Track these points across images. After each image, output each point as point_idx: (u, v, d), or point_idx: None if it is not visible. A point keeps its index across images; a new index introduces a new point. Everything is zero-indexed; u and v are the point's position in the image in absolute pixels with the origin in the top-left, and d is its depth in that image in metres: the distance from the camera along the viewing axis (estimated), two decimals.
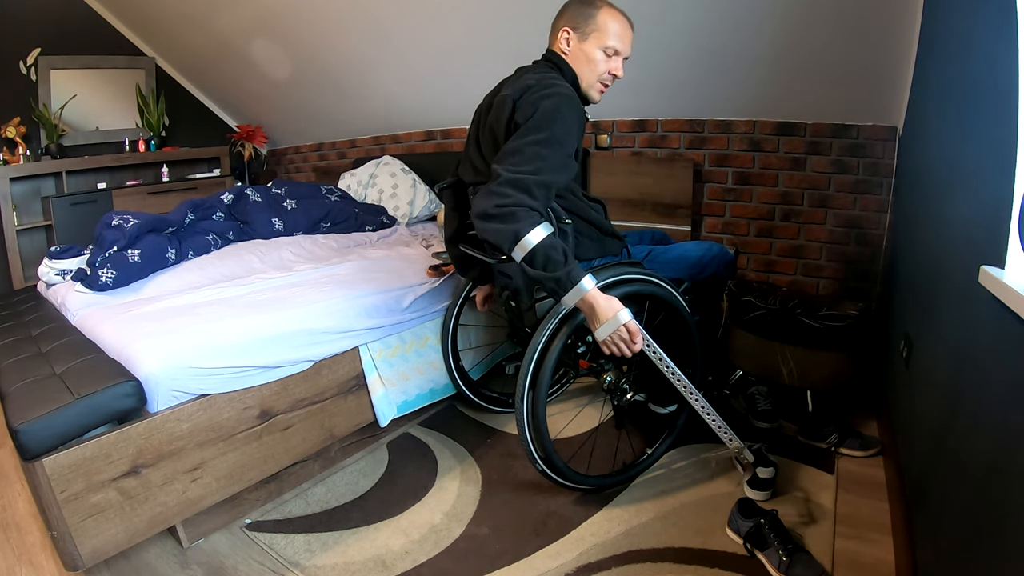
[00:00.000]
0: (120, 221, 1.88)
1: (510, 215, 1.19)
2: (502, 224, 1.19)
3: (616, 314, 1.26)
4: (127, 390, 1.27)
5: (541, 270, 1.20)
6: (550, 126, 1.25)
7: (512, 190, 1.20)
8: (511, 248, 1.20)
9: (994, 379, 0.88)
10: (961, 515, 0.94)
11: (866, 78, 1.98)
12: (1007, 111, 0.90)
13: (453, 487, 1.65)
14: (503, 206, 1.19)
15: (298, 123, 3.93)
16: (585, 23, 1.41)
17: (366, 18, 2.71)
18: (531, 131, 1.25)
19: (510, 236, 1.19)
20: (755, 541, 1.31)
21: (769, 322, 1.90)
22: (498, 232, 1.19)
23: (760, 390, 1.92)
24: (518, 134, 1.27)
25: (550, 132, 1.25)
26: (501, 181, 1.21)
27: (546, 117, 1.25)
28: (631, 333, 1.29)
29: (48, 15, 3.43)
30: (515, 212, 1.19)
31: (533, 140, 1.24)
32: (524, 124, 1.26)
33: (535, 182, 1.21)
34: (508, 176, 1.21)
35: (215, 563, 1.40)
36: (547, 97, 1.28)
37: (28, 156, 3.31)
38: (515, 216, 1.19)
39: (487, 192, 1.21)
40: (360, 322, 1.72)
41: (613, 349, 1.31)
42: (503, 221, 1.19)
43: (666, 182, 2.49)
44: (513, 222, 1.19)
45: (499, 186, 1.20)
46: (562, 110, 1.27)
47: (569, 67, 1.43)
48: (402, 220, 2.81)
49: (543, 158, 1.23)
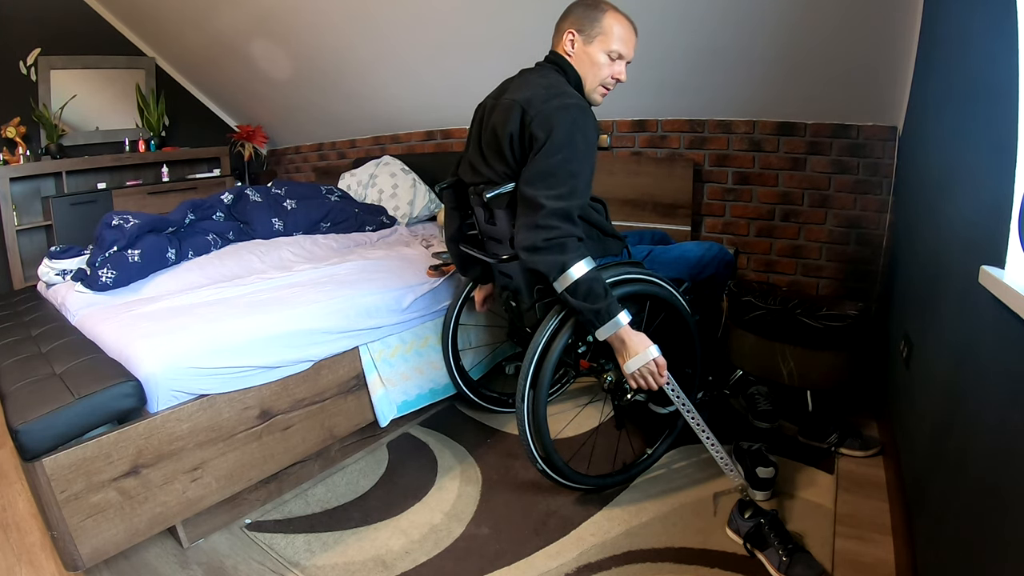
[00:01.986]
0: (120, 221, 1.88)
1: (558, 246, 1.23)
2: (550, 256, 1.24)
3: (647, 349, 1.33)
4: (127, 390, 1.27)
5: (583, 301, 1.25)
6: (575, 141, 1.26)
7: (559, 222, 1.24)
8: (556, 278, 1.25)
9: (994, 379, 0.88)
10: (961, 515, 0.94)
11: (866, 78, 1.98)
12: (1007, 111, 0.90)
13: (453, 487, 1.65)
14: (552, 239, 1.23)
15: (298, 123, 3.93)
16: (590, 26, 1.41)
17: (366, 18, 2.71)
18: (558, 149, 1.25)
19: (557, 266, 1.24)
20: (755, 541, 1.31)
21: (769, 322, 1.90)
22: (547, 263, 1.24)
23: (760, 390, 1.92)
24: (545, 152, 1.26)
25: (576, 148, 1.27)
26: (546, 213, 1.23)
27: (569, 132, 1.26)
28: (659, 367, 1.35)
29: (48, 15, 3.43)
30: (564, 243, 1.24)
31: (563, 159, 1.25)
32: (548, 141, 1.26)
33: (576, 207, 1.26)
34: (552, 207, 1.23)
35: (215, 563, 1.40)
36: (564, 109, 1.28)
37: (28, 156, 3.32)
38: (564, 248, 1.24)
39: (534, 226, 1.24)
40: (360, 322, 1.72)
41: (640, 383, 1.36)
42: (551, 253, 1.24)
43: (666, 182, 2.49)
44: (560, 253, 1.24)
45: (545, 219, 1.23)
46: (581, 122, 1.29)
47: (573, 70, 1.43)
48: (402, 220, 2.81)
49: (576, 176, 1.26)
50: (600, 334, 1.31)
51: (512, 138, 1.33)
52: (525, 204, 1.28)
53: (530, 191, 1.27)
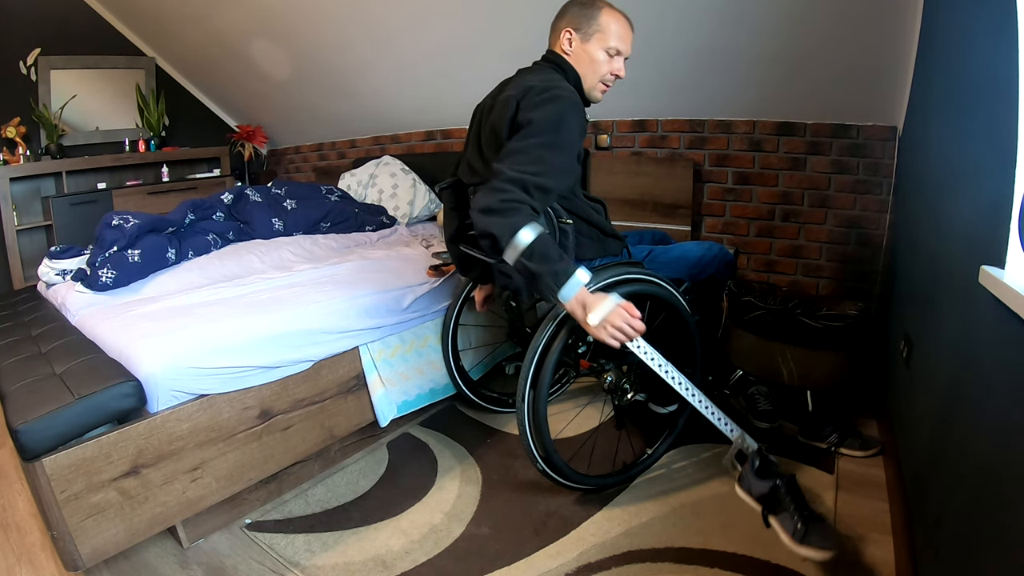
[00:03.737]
0: (120, 221, 1.88)
1: (511, 210, 1.19)
2: (502, 218, 1.19)
3: (607, 298, 1.25)
4: (127, 390, 1.27)
5: (540, 263, 1.20)
6: (555, 130, 1.25)
7: (514, 187, 1.21)
8: (508, 242, 1.19)
9: (994, 379, 0.88)
10: (961, 515, 0.94)
11: (866, 78, 1.98)
12: (1007, 111, 0.90)
13: (453, 487, 1.65)
14: (506, 200, 1.19)
15: (298, 123, 3.93)
16: (587, 24, 1.41)
17: (366, 18, 2.71)
18: (535, 134, 1.25)
19: (508, 229, 1.19)
20: (769, 504, 1.22)
21: (769, 322, 1.90)
22: (498, 225, 1.19)
23: (760, 390, 1.92)
24: (521, 135, 1.27)
25: (555, 136, 1.25)
26: (504, 178, 1.21)
27: (551, 121, 1.26)
28: (626, 308, 1.26)
29: (48, 15, 3.43)
30: (517, 208, 1.20)
31: (537, 143, 1.24)
32: (528, 126, 1.26)
33: (535, 184, 1.22)
34: (511, 174, 1.21)
35: (215, 563, 1.40)
36: (552, 100, 1.28)
37: (28, 156, 3.32)
38: (516, 211, 1.20)
39: (490, 188, 1.22)
40: (360, 322, 1.72)
41: (614, 333, 1.26)
42: (503, 215, 1.19)
43: (666, 182, 2.49)
44: (513, 216, 1.19)
45: (501, 183, 1.21)
46: (566, 114, 1.28)
47: (572, 68, 1.44)
48: (402, 220, 2.81)
49: (545, 161, 1.24)
50: (564, 296, 1.23)
51: (508, 132, 1.33)
52: (496, 173, 1.24)
53: (497, 165, 1.24)
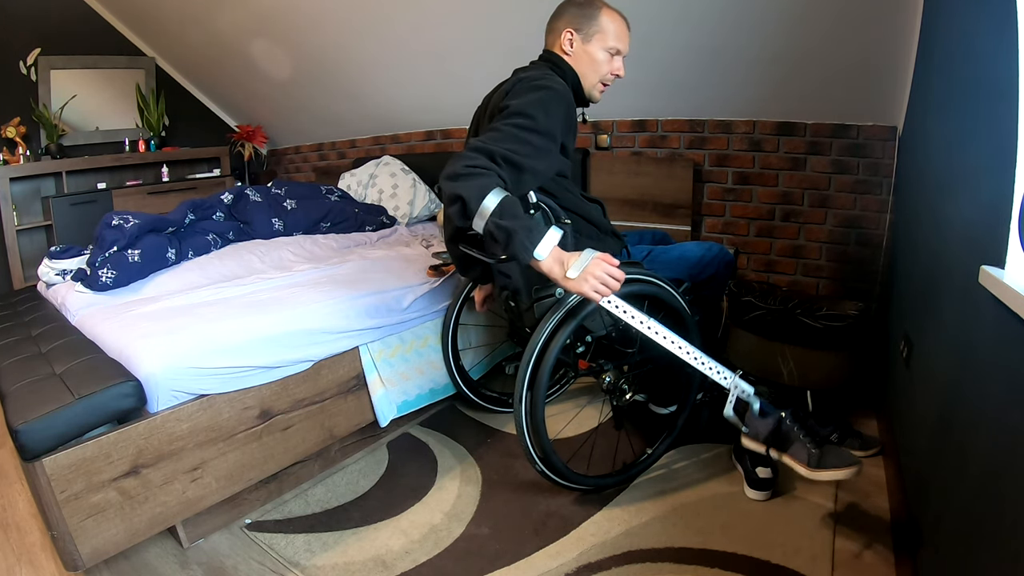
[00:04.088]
0: (120, 221, 1.88)
1: (477, 174, 1.16)
2: (469, 180, 1.15)
3: (587, 250, 1.22)
4: (127, 390, 1.27)
5: (512, 219, 1.15)
6: (533, 113, 1.23)
7: (479, 155, 1.18)
8: (477, 205, 1.15)
9: (994, 379, 0.88)
10: (961, 515, 0.94)
11: (866, 78, 1.98)
12: (1007, 111, 0.90)
13: (453, 487, 1.65)
14: (471, 166, 1.16)
15: (298, 123, 3.93)
16: (588, 25, 1.41)
17: (367, 18, 2.71)
18: (512, 115, 1.23)
19: (476, 191, 1.14)
20: (778, 442, 1.16)
21: (769, 322, 1.90)
22: (466, 188, 1.14)
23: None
24: (500, 116, 1.26)
25: (532, 120, 1.23)
26: (471, 147, 1.19)
27: (530, 104, 1.24)
28: (603, 259, 1.22)
29: (48, 15, 3.44)
30: (484, 172, 1.16)
31: (513, 123, 1.22)
32: (509, 107, 1.26)
33: (503, 155, 1.19)
34: (478, 144, 1.19)
35: (215, 563, 1.40)
36: (537, 89, 1.29)
37: (28, 156, 3.32)
38: (483, 175, 1.16)
39: (456, 156, 1.19)
40: (360, 322, 1.72)
41: (596, 286, 1.22)
42: (470, 179, 1.15)
43: (666, 182, 2.49)
44: (479, 179, 1.16)
45: (468, 151, 1.18)
46: (549, 102, 1.27)
47: (570, 68, 1.44)
48: (402, 220, 2.81)
49: (518, 140, 1.21)
50: (540, 253, 1.18)
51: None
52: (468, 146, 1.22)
53: (480, 137, 1.22)
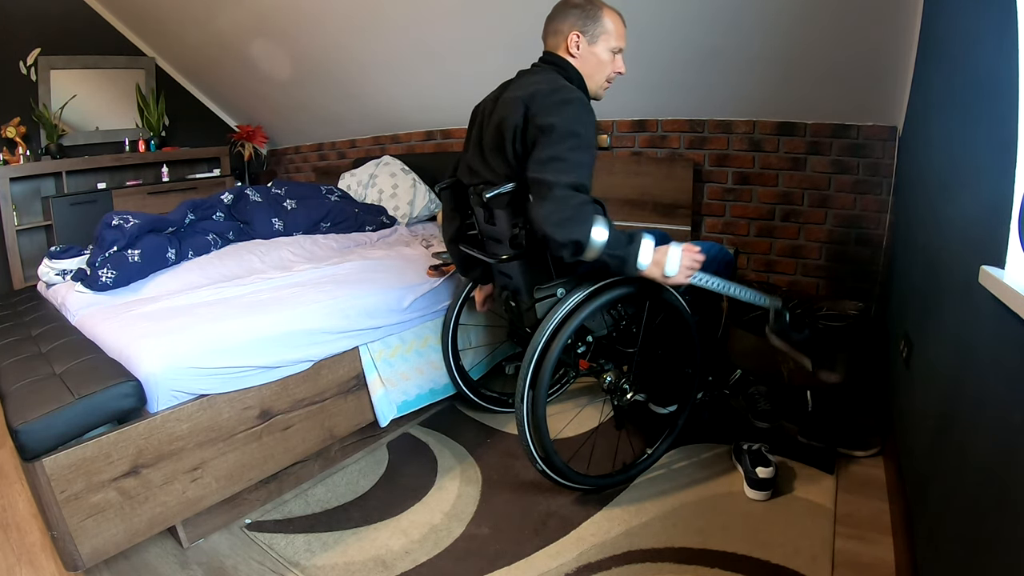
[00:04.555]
0: (120, 221, 1.88)
1: (584, 214, 1.24)
2: (580, 224, 1.24)
3: (671, 245, 1.36)
4: (127, 390, 1.27)
5: (621, 248, 1.29)
6: (579, 131, 1.28)
7: (574, 192, 1.25)
8: (588, 243, 1.24)
9: (994, 379, 0.88)
10: (961, 515, 0.94)
11: (866, 78, 1.98)
12: (1007, 111, 0.90)
13: (453, 487, 1.65)
14: (576, 206, 1.23)
15: (298, 123, 3.93)
16: (593, 26, 1.43)
17: (366, 18, 2.71)
18: (564, 138, 1.27)
19: (586, 233, 1.24)
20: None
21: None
22: (579, 231, 1.23)
23: (760, 390, 1.92)
24: (551, 141, 1.27)
25: (581, 138, 1.28)
26: (562, 186, 1.24)
27: (573, 121, 1.28)
28: (689, 249, 1.38)
29: (48, 15, 3.43)
30: (586, 209, 1.25)
31: (570, 146, 1.26)
32: (553, 131, 1.27)
33: (582, 183, 1.27)
34: (565, 180, 1.24)
35: (215, 563, 1.40)
36: (568, 103, 1.30)
37: (28, 156, 3.31)
38: (588, 213, 1.25)
39: (553, 200, 1.24)
40: (360, 322, 1.72)
41: (688, 273, 1.37)
42: (581, 222, 1.24)
43: (666, 182, 2.49)
44: (588, 218, 1.24)
45: (562, 191, 1.24)
46: (583, 114, 1.31)
47: (575, 70, 1.45)
48: (402, 220, 2.81)
49: (582, 164, 1.28)
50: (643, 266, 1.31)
51: (516, 132, 1.34)
52: (537, 187, 1.27)
53: (539, 174, 1.27)
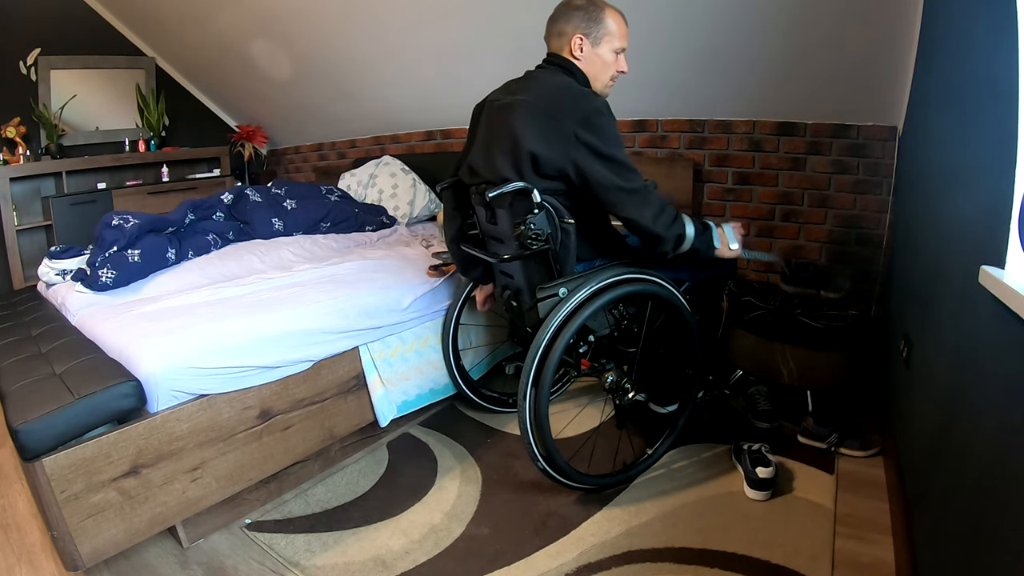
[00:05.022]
0: (120, 221, 1.88)
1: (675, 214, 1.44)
2: (678, 222, 1.43)
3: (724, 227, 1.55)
4: (127, 390, 1.27)
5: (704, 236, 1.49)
6: (617, 132, 1.40)
7: (658, 194, 1.42)
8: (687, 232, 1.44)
9: (994, 379, 0.88)
10: (961, 515, 0.94)
11: (866, 78, 1.98)
12: (1007, 111, 0.90)
13: (453, 487, 1.65)
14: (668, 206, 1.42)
15: (298, 123, 3.93)
16: (596, 28, 1.44)
17: (366, 18, 2.71)
18: (616, 142, 1.38)
19: (683, 227, 1.44)
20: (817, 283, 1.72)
21: (769, 322, 1.90)
22: (681, 226, 1.44)
23: (760, 390, 1.92)
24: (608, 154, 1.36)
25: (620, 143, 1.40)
26: (649, 190, 1.40)
27: (612, 130, 1.39)
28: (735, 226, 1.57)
29: (48, 15, 3.43)
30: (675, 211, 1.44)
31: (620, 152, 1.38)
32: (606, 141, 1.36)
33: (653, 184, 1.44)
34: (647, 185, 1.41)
35: (215, 563, 1.40)
36: (601, 113, 1.37)
37: (28, 156, 3.31)
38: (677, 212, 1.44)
39: (651, 204, 1.39)
40: (360, 322, 1.72)
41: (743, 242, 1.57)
42: (678, 219, 1.43)
43: (666, 182, 2.49)
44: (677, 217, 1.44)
45: (653, 195, 1.40)
46: (613, 120, 1.40)
47: (581, 72, 1.47)
48: (402, 220, 2.81)
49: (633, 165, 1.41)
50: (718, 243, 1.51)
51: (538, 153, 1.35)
52: (630, 194, 1.38)
53: (628, 183, 1.38)
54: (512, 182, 1.36)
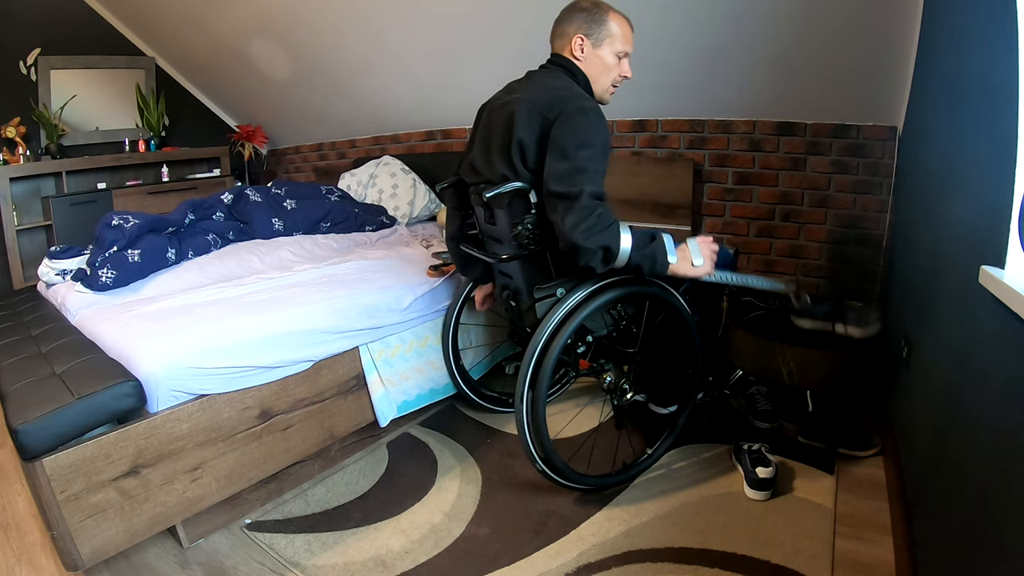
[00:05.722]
0: (120, 221, 1.88)
1: (609, 223, 1.30)
2: (609, 232, 1.29)
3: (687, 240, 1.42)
4: (127, 390, 1.27)
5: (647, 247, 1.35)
6: (595, 140, 1.32)
7: (600, 203, 1.30)
8: (619, 248, 1.30)
9: (994, 379, 0.88)
10: (961, 515, 0.94)
11: (866, 78, 1.98)
12: (1007, 111, 0.90)
13: (453, 487, 1.65)
14: (602, 216, 1.29)
15: (298, 123, 3.93)
16: (597, 30, 1.43)
17: (366, 18, 2.71)
18: (581, 147, 1.30)
19: (614, 238, 1.29)
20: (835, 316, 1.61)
21: (769, 322, 1.90)
22: (608, 238, 1.29)
23: (760, 390, 1.92)
24: (570, 151, 1.30)
25: (595, 148, 1.32)
26: (589, 196, 1.28)
27: (588, 133, 1.32)
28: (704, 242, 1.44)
29: (48, 15, 3.43)
30: (610, 218, 1.30)
31: (585, 156, 1.30)
32: (571, 141, 1.30)
33: (601, 192, 1.32)
34: (590, 191, 1.29)
35: (215, 563, 1.40)
36: (582, 112, 1.32)
37: (28, 156, 3.31)
38: (612, 222, 1.31)
39: (582, 209, 1.27)
40: (360, 322, 1.72)
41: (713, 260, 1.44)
42: (608, 230, 1.29)
43: (666, 182, 2.49)
44: (610, 227, 1.30)
45: (590, 201, 1.28)
46: (597, 124, 1.34)
47: (582, 73, 1.46)
48: (402, 220, 2.81)
49: (597, 173, 1.33)
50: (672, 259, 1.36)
51: (524, 141, 1.34)
52: (560, 199, 1.30)
53: (561, 187, 1.30)
54: (510, 182, 1.37)
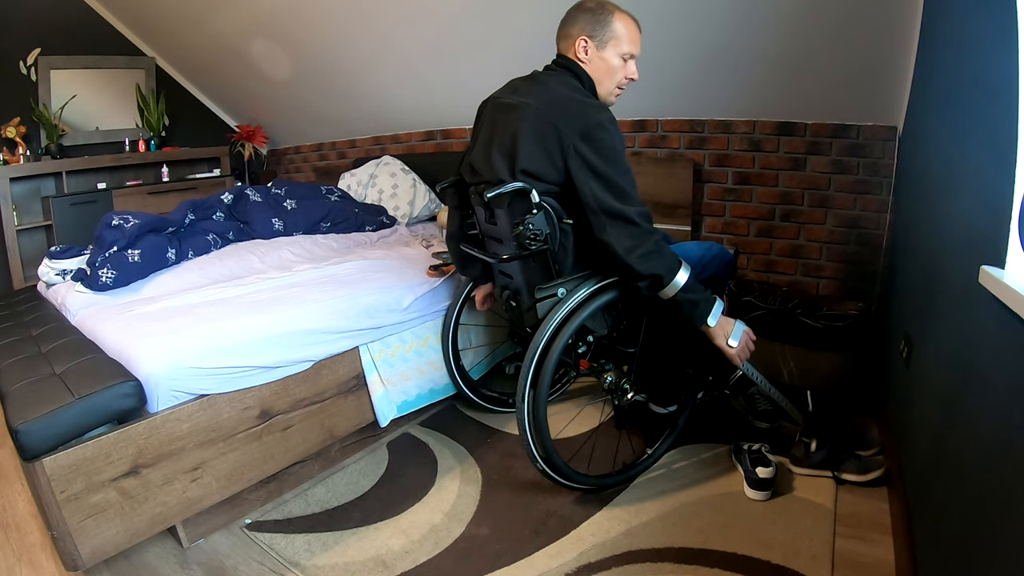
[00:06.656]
0: (120, 221, 1.88)
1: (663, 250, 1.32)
2: (661, 259, 1.32)
3: (736, 322, 1.42)
4: (127, 390, 1.27)
5: (697, 293, 1.35)
6: (620, 147, 1.35)
7: (648, 224, 1.33)
8: (671, 280, 1.32)
9: (994, 379, 0.88)
10: (961, 515, 0.94)
11: (866, 78, 1.98)
12: (1007, 111, 0.90)
13: (453, 487, 1.65)
14: (657, 242, 1.32)
15: (298, 123, 3.93)
16: (602, 31, 1.42)
17: (366, 18, 2.71)
18: (613, 161, 1.32)
19: (669, 269, 1.32)
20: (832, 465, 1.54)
21: (769, 322, 1.90)
22: (662, 266, 1.31)
23: (760, 390, 1.91)
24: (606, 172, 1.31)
25: (623, 158, 1.35)
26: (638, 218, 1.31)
27: (614, 146, 1.34)
28: (749, 333, 1.44)
29: (48, 15, 3.43)
30: (665, 246, 1.33)
31: (618, 171, 1.32)
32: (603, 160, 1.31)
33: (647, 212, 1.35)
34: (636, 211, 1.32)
35: (215, 563, 1.40)
36: (601, 127, 1.32)
37: (28, 156, 3.31)
38: (668, 249, 1.34)
39: (635, 233, 1.31)
40: (360, 322, 1.72)
41: (743, 353, 1.43)
42: (661, 256, 1.32)
43: (666, 182, 2.49)
44: (667, 254, 1.33)
45: (642, 223, 1.32)
46: (617, 134, 1.35)
47: (587, 75, 1.45)
48: (402, 220, 2.81)
49: (634, 184, 1.35)
50: (712, 322, 1.37)
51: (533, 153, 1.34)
52: (611, 217, 1.32)
53: (610, 205, 1.31)
54: (508, 183, 1.36)
